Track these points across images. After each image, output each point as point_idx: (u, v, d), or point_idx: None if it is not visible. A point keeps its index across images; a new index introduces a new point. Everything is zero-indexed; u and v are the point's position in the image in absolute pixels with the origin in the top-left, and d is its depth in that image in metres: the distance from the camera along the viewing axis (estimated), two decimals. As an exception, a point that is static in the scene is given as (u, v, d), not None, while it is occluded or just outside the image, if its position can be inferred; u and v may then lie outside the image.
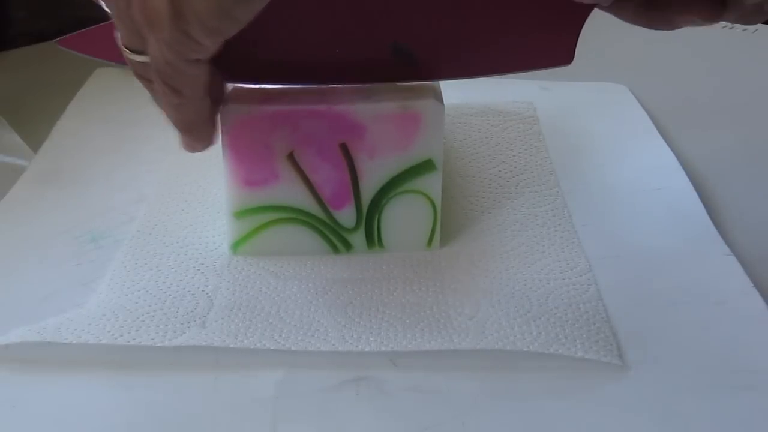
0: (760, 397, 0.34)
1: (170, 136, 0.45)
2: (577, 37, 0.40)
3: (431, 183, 0.41)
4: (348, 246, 0.42)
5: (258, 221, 0.41)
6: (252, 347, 0.36)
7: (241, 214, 0.41)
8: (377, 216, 0.41)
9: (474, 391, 0.34)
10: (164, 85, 0.34)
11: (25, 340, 0.35)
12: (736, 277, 0.40)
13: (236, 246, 0.41)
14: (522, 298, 0.38)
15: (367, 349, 0.35)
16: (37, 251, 0.43)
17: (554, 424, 0.33)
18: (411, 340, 0.36)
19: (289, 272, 0.41)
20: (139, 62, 0.34)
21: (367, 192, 0.41)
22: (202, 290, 0.39)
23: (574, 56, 0.40)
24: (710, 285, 0.40)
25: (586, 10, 0.39)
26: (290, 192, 0.40)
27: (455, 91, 0.44)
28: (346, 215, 0.41)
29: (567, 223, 0.45)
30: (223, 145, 0.39)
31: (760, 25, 0.78)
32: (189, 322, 0.37)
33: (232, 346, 0.35)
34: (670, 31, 0.37)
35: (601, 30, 0.41)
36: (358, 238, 0.42)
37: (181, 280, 0.40)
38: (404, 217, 0.41)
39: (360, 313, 0.38)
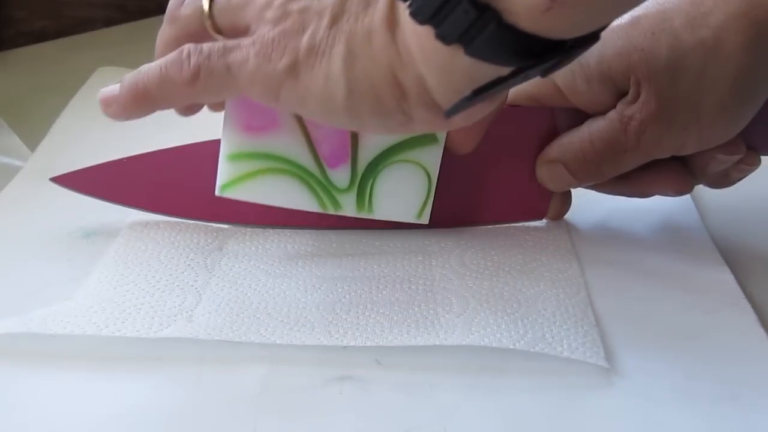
0: (747, 409, 0.33)
1: (169, 137, 0.46)
2: (551, 196, 0.44)
3: (431, 155, 0.41)
4: (337, 205, 0.41)
5: (251, 167, 0.40)
6: (237, 340, 0.35)
7: (235, 156, 0.40)
8: (371, 180, 0.41)
9: (458, 393, 0.34)
10: (194, 67, 0.34)
11: (11, 331, 0.35)
12: (728, 287, 0.40)
13: (225, 188, 0.40)
14: (511, 298, 0.38)
15: (352, 344, 0.35)
16: (30, 247, 0.43)
17: (538, 428, 0.32)
18: (396, 336, 0.36)
19: (280, 270, 0.41)
20: (193, 18, 0.35)
21: (365, 155, 0.40)
22: (192, 285, 0.39)
23: (547, 212, 0.45)
24: (702, 294, 0.40)
25: None
26: (288, 143, 0.40)
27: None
28: (341, 175, 0.41)
29: (560, 227, 0.44)
30: None
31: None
32: (176, 316, 0.37)
33: (216, 338, 0.35)
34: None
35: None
36: (348, 199, 0.41)
37: (170, 275, 0.40)
38: (398, 185, 0.41)
39: (348, 310, 0.38)
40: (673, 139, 0.39)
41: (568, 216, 0.45)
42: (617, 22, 0.38)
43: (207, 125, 0.45)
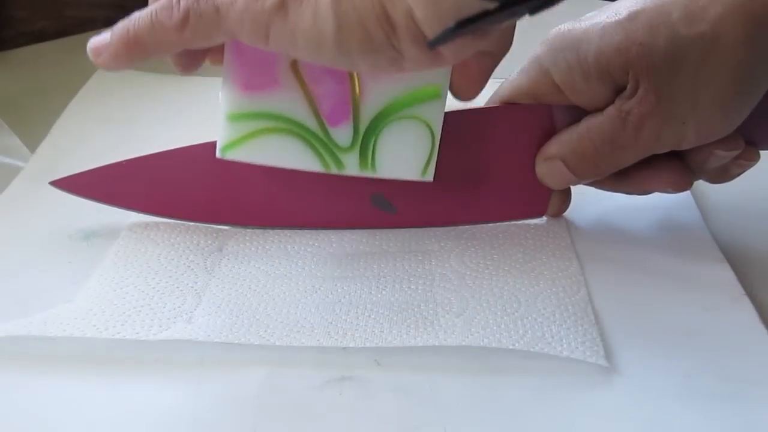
0: (747, 406, 0.33)
1: (169, 137, 0.46)
2: (550, 194, 0.44)
3: (433, 111, 0.40)
4: (339, 165, 0.40)
5: (251, 127, 0.39)
6: (236, 342, 0.35)
7: (235, 117, 0.39)
8: (374, 138, 0.40)
9: (458, 393, 0.34)
10: (183, 10, 0.34)
11: (11, 333, 0.35)
12: (728, 284, 0.40)
13: (226, 149, 0.39)
14: (511, 297, 0.38)
15: (351, 345, 0.35)
16: (29, 249, 0.43)
17: (538, 428, 0.32)
18: (396, 336, 0.36)
19: (280, 271, 0.41)
20: None
21: (367, 112, 0.40)
22: (191, 287, 0.39)
23: (546, 209, 0.44)
24: (702, 291, 0.40)
25: None
26: (288, 101, 0.39)
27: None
28: (342, 133, 0.40)
29: (559, 225, 0.44)
30: (226, 44, 0.38)
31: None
32: (175, 318, 0.37)
33: (216, 340, 0.35)
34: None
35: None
36: (351, 158, 0.40)
37: (170, 277, 0.40)
38: (401, 142, 0.40)
39: (347, 311, 0.38)
40: (671, 133, 0.38)
41: (567, 214, 0.45)
42: (616, 18, 0.38)
43: (207, 127, 0.45)
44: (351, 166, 0.40)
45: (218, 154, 0.39)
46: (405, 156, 0.41)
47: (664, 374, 0.35)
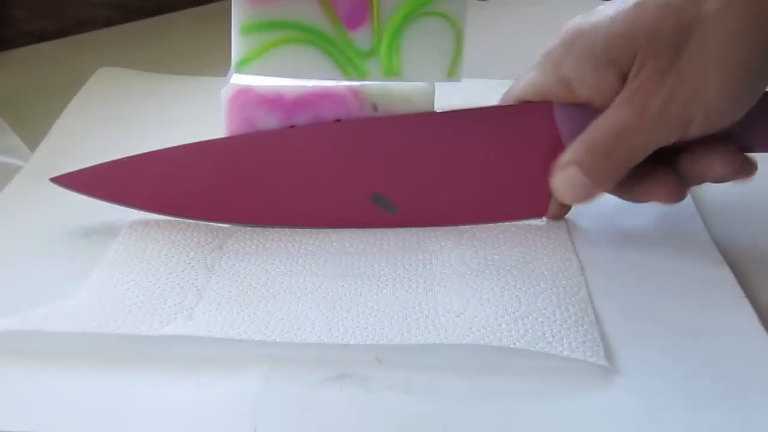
0: (747, 408, 0.33)
1: (169, 137, 0.46)
2: (550, 196, 0.43)
3: (456, 5, 0.39)
4: (361, 72, 0.39)
5: (266, 38, 0.38)
6: (237, 338, 0.35)
7: (248, 28, 0.38)
8: (396, 39, 0.39)
9: (458, 392, 0.34)
10: None
11: (11, 329, 0.35)
12: (727, 286, 0.40)
13: (241, 65, 0.38)
14: (511, 297, 0.38)
15: (352, 342, 0.35)
16: (30, 247, 0.43)
17: (538, 428, 0.32)
18: (397, 334, 0.36)
19: (280, 269, 0.41)
20: None
21: (386, 11, 0.39)
22: (192, 283, 0.39)
23: (547, 209, 0.44)
24: (702, 293, 0.40)
25: None
26: (303, 6, 0.38)
27: (457, 92, 0.44)
28: (362, 37, 0.39)
29: (560, 226, 0.44)
30: None
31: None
32: (176, 314, 0.37)
33: (216, 336, 0.35)
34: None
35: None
36: (373, 64, 0.39)
37: (171, 273, 0.40)
38: (425, 41, 0.39)
39: (348, 309, 0.38)
40: (678, 114, 0.38)
41: (568, 215, 0.45)
42: (624, 6, 0.39)
43: (207, 126, 0.45)
44: (373, 73, 0.39)
45: (233, 70, 0.38)
46: (430, 56, 0.39)
47: (664, 375, 0.35)
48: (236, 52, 0.38)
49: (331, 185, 0.43)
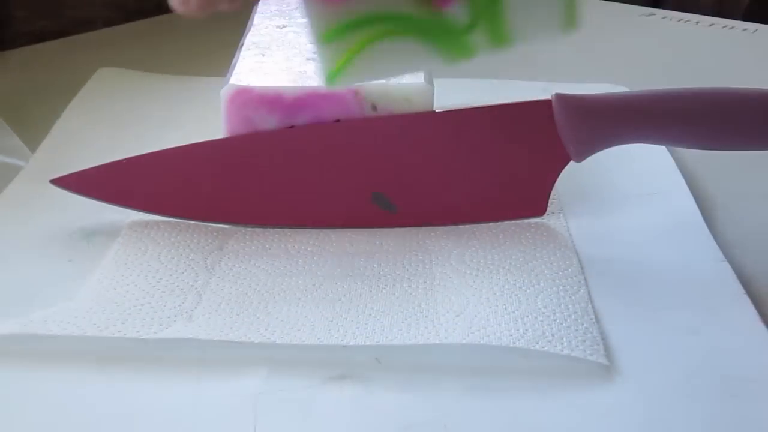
0: (748, 405, 0.33)
1: (169, 137, 0.46)
2: (550, 193, 0.44)
3: None
4: (467, 50, 0.34)
5: (351, 41, 0.34)
6: (237, 340, 0.35)
7: (328, 36, 0.34)
8: (497, 2, 0.34)
9: (458, 391, 0.34)
10: None
11: (11, 332, 0.35)
12: (728, 284, 0.40)
13: (333, 77, 0.34)
14: (511, 296, 0.38)
15: (352, 343, 0.35)
16: (30, 248, 0.43)
17: (539, 427, 0.32)
18: (396, 335, 0.36)
19: (280, 269, 0.41)
20: None
21: None
22: (192, 285, 0.39)
23: (546, 208, 0.44)
24: (702, 291, 0.40)
25: (558, 168, 0.44)
26: None
27: (457, 92, 0.44)
28: (457, 10, 0.34)
29: (560, 224, 0.44)
30: None
31: (760, 25, 0.78)
32: (176, 316, 0.37)
33: (216, 339, 0.35)
34: (668, 32, 0.38)
35: (601, 31, 0.41)
36: (477, 37, 0.34)
37: (170, 275, 0.40)
38: None
39: (348, 309, 0.38)
40: None
41: (567, 214, 0.45)
42: None
43: (207, 126, 0.45)
44: (482, 46, 0.34)
45: (326, 85, 0.35)
46: (539, 11, 0.34)
47: (664, 373, 0.35)
48: (324, 64, 0.34)
49: (331, 185, 0.43)
